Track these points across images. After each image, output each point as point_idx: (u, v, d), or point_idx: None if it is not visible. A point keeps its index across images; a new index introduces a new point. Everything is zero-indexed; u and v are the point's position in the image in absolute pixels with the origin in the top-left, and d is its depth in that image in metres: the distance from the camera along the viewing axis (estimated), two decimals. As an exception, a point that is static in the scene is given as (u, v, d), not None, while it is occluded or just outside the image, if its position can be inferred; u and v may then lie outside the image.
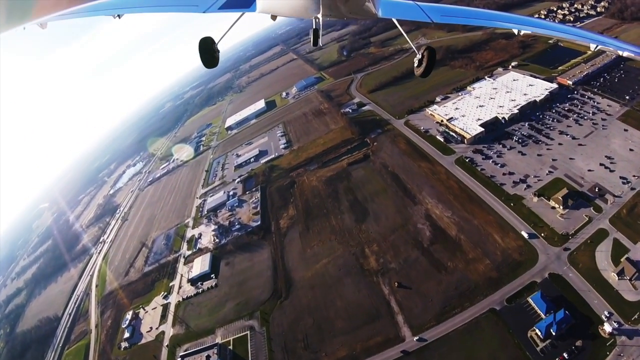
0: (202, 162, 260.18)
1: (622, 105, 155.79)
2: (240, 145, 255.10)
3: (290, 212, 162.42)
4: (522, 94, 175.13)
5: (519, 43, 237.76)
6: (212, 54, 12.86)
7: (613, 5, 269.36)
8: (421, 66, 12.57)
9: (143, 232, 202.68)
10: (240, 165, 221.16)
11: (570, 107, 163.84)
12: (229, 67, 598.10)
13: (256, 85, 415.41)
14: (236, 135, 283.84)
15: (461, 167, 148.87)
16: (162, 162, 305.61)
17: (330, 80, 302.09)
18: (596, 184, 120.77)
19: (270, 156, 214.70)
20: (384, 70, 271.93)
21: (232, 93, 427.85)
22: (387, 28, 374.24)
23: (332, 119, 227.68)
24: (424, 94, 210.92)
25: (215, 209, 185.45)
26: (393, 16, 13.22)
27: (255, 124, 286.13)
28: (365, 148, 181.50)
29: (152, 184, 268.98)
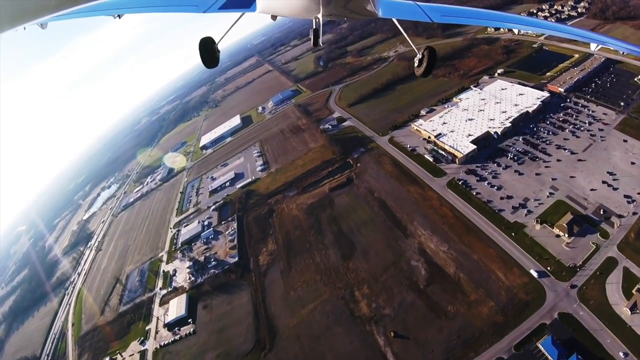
0: (177, 186, 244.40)
1: (618, 112, 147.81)
2: (215, 167, 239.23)
3: (269, 247, 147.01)
4: (513, 105, 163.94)
5: (503, 48, 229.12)
6: (212, 54, 12.97)
7: (593, 5, 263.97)
8: (422, 66, 12.55)
9: (117, 266, 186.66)
10: (215, 190, 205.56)
11: (564, 118, 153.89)
12: (204, 80, 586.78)
13: (232, 99, 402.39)
14: (211, 155, 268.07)
15: (454, 191, 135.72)
16: (136, 184, 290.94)
17: (308, 94, 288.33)
18: (600, 205, 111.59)
19: (247, 180, 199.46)
20: (363, 82, 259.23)
21: (208, 108, 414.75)
22: (363, 36, 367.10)
23: (311, 137, 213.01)
24: (408, 107, 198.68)
25: (190, 242, 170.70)
26: (393, 16, 12.91)
27: (231, 143, 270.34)
28: (348, 170, 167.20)
29: (126, 209, 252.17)
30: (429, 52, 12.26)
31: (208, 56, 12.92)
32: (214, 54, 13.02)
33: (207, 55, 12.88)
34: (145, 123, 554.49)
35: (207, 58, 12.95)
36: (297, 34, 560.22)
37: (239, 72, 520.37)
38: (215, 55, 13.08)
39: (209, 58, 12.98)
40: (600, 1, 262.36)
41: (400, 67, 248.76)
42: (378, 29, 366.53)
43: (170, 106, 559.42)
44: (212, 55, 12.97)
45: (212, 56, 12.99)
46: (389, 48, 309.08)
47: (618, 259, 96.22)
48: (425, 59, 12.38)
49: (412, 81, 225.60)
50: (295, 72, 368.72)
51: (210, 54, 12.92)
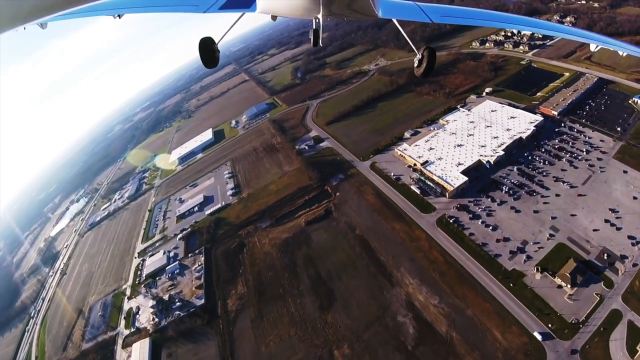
0: (144, 206, 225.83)
1: (616, 139, 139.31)
2: (184, 187, 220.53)
3: (239, 289, 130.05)
4: (505, 129, 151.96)
5: (489, 65, 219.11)
6: (212, 54, 13.28)
7: (580, 20, 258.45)
8: (421, 66, 12.67)
9: (80, 295, 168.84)
10: (183, 216, 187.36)
11: (560, 145, 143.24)
12: (180, 87, 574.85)
13: (205, 110, 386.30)
14: (181, 172, 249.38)
15: (445, 230, 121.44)
16: (104, 201, 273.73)
17: (284, 108, 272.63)
18: (604, 249, 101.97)
19: (217, 205, 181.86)
20: (343, 97, 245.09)
21: (180, 118, 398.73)
22: (343, 47, 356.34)
23: (286, 158, 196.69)
24: (390, 127, 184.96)
25: (155, 275, 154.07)
26: (393, 16, 13.14)
27: (202, 160, 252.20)
28: (326, 200, 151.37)
29: (92, 228, 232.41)
30: (429, 52, 12.35)
31: (208, 56, 13.17)
32: (214, 54, 13.32)
33: (206, 55, 13.12)
34: (118, 131, 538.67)
35: (207, 58, 13.19)
36: (276, 42, 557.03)
37: (214, 80, 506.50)
38: (215, 55, 13.38)
39: (209, 58, 13.23)
40: (587, 17, 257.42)
41: (382, 83, 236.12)
42: (358, 40, 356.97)
43: (144, 114, 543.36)
44: (211, 55, 13.24)
45: (211, 56, 13.26)
46: (369, 61, 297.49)
47: (622, 311, 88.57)
48: (425, 59, 12.45)
49: (394, 98, 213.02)
50: (272, 83, 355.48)
51: (210, 54, 13.20)
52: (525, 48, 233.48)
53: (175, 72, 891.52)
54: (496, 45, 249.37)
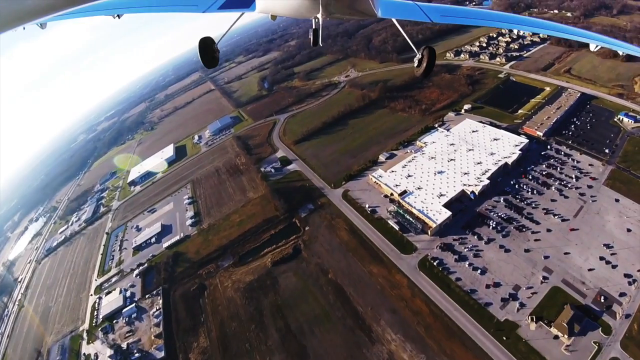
0: (101, 232, 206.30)
1: (605, 163, 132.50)
2: (141, 213, 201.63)
3: (201, 341, 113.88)
4: (488, 153, 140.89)
5: (466, 78, 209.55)
6: (212, 54, 13.21)
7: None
8: (421, 66, 12.46)
9: (38, 333, 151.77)
10: (139, 247, 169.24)
11: (548, 171, 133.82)
12: (145, 95, 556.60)
13: (168, 122, 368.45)
14: (139, 194, 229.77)
15: (428, 275, 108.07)
16: (61, 222, 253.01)
17: (249, 122, 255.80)
18: (600, 291, 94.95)
19: (175, 237, 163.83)
20: (311, 112, 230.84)
21: (143, 130, 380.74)
22: (312, 57, 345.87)
23: (251, 182, 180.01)
24: (363, 148, 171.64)
25: (111, 317, 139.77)
26: (393, 16, 13.13)
27: (162, 181, 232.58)
28: (294, 236, 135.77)
29: (50, 255, 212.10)
30: (429, 52, 12.25)
31: (207, 56, 13.09)
32: (214, 54, 13.24)
33: (206, 55, 13.04)
34: (81, 141, 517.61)
35: (207, 58, 13.11)
36: (244, 50, 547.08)
37: (180, 89, 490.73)
38: (215, 55, 13.32)
39: (209, 58, 13.14)
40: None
41: (353, 97, 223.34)
42: (328, 49, 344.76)
43: (107, 123, 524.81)
44: (211, 55, 13.17)
45: (211, 56, 13.18)
46: (339, 72, 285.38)
47: (622, 359, 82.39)
48: (425, 58, 12.31)
49: (366, 115, 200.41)
50: (238, 94, 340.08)
51: (210, 54, 13.13)
52: (502, 60, 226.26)
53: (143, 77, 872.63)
54: (472, 57, 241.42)
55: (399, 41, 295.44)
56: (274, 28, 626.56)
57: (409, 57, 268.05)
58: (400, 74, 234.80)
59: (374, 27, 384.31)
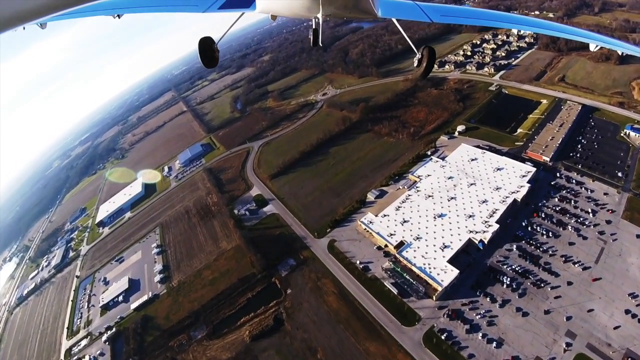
0: (70, 280, 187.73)
1: (620, 190, 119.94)
2: (109, 262, 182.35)
3: None
4: (493, 188, 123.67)
5: (454, 93, 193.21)
6: (211, 54, 13.34)
7: (542, 35, 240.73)
8: (421, 66, 12.65)
9: None
10: (107, 306, 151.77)
11: (562, 206, 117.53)
12: (118, 117, 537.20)
13: (139, 148, 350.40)
14: (108, 237, 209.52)
15: (436, 352, 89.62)
16: (32, 266, 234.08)
17: (221, 151, 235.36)
18: (627, 352, 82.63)
19: (143, 296, 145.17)
20: (287, 138, 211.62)
21: (114, 159, 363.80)
22: (286, 72, 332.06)
23: (223, 228, 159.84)
24: (348, 184, 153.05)
25: None
26: (393, 16, 13.18)
27: (130, 222, 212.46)
28: (274, 301, 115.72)
29: (21, 304, 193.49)
30: (429, 52, 12.43)
31: (207, 56, 13.21)
32: (214, 54, 13.36)
33: (206, 55, 13.16)
34: (55, 168, 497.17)
35: (207, 58, 13.23)
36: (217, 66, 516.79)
37: (153, 110, 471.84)
38: (215, 55, 13.44)
39: (209, 58, 13.26)
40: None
41: (332, 119, 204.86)
42: (303, 64, 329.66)
43: (81, 148, 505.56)
44: (211, 55, 13.29)
45: (211, 56, 13.30)
46: (315, 89, 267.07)
47: None
48: (424, 58, 12.46)
49: (348, 140, 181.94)
50: (210, 117, 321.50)
51: (210, 53, 13.23)
52: (490, 70, 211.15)
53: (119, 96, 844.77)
54: (457, 68, 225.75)
55: (377, 53, 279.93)
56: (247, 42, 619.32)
57: (389, 71, 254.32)
58: (382, 90, 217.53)
59: (350, 38, 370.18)
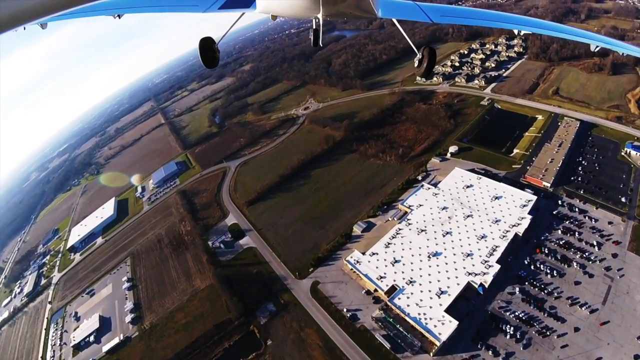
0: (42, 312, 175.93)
1: (624, 218, 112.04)
2: (80, 295, 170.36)
3: None
4: (492, 221, 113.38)
5: (444, 108, 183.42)
6: (212, 54, 13.37)
7: (531, 45, 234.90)
8: (422, 66, 12.55)
9: None
10: (79, 346, 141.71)
11: (566, 239, 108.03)
12: (97, 128, 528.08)
13: (115, 164, 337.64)
14: (80, 264, 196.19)
15: None
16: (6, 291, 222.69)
17: (197, 170, 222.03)
18: None
19: (115, 338, 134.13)
20: (267, 157, 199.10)
21: (89, 175, 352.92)
22: (267, 84, 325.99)
23: (197, 263, 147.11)
24: (331, 213, 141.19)
25: None
26: (393, 16, 13.18)
27: (101, 249, 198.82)
28: (253, 354, 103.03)
29: None
30: (429, 52, 12.30)
31: (208, 56, 13.20)
32: (214, 54, 13.38)
33: (207, 56, 13.16)
34: (33, 181, 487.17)
35: (207, 58, 13.21)
36: (197, 75, 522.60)
37: (131, 121, 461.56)
38: (215, 55, 13.45)
39: (209, 58, 13.25)
40: (540, 41, 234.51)
41: (314, 137, 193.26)
42: (284, 74, 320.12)
43: (59, 160, 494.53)
44: (212, 55, 13.29)
45: (212, 56, 13.30)
46: (297, 102, 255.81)
47: None
48: (425, 58, 12.37)
49: (331, 162, 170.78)
50: (187, 131, 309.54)
51: (210, 54, 13.23)
52: (481, 82, 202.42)
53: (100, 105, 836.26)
54: (446, 80, 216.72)
55: (361, 64, 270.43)
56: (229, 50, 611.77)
57: (374, 83, 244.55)
58: (367, 105, 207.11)
59: (333, 47, 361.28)
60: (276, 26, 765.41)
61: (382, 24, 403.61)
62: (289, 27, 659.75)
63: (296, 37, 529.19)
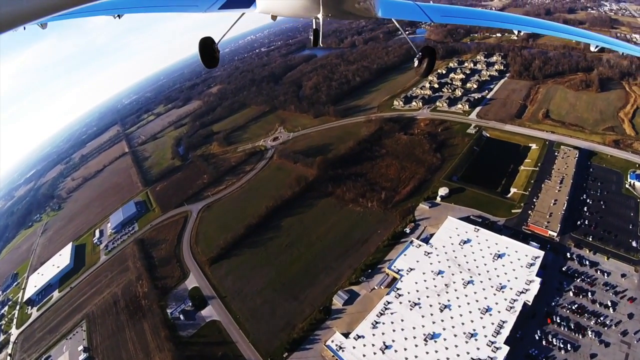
0: None
1: (637, 267, 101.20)
2: None
3: None
4: (497, 288, 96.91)
5: (428, 138, 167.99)
6: (212, 54, 13.26)
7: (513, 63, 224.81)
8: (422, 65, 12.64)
9: None
10: None
11: (578, 302, 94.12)
12: (64, 153, 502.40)
13: (75, 199, 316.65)
14: (37, 322, 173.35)
15: None
16: None
17: (157, 214, 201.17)
18: None
19: None
20: (232, 201, 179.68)
21: (50, 210, 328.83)
22: (234, 109, 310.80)
23: (155, 337, 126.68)
24: (307, 278, 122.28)
25: None
26: (393, 16, 13.23)
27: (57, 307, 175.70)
28: None
29: None
30: (429, 52, 12.45)
31: (208, 56, 13.13)
32: (214, 54, 13.32)
33: (207, 55, 13.09)
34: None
35: (207, 58, 13.16)
36: (164, 98, 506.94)
37: (97, 147, 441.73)
38: (215, 55, 13.40)
39: (209, 58, 13.19)
40: (521, 58, 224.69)
41: (285, 175, 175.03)
42: (252, 98, 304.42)
43: (25, 188, 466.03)
44: (211, 55, 13.21)
45: (211, 56, 13.22)
46: (265, 131, 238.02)
47: None
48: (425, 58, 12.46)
49: (304, 209, 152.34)
50: (149, 163, 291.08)
51: (210, 54, 13.16)
52: (465, 106, 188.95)
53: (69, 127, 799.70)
54: (426, 104, 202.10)
55: (333, 87, 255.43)
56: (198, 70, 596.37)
57: (348, 109, 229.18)
58: (341, 136, 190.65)
59: (303, 68, 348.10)
60: (247, 44, 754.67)
61: (353, 43, 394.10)
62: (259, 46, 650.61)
63: (266, 56, 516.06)
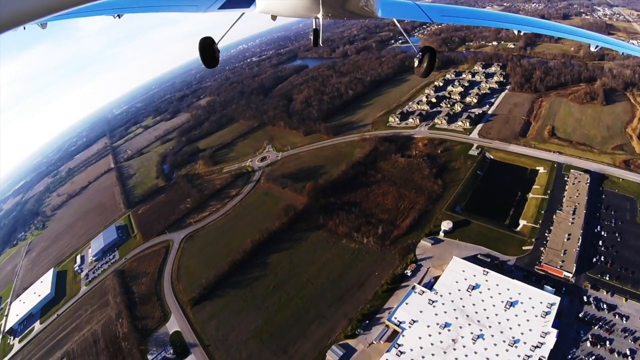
0: None
1: None
2: None
3: None
4: (509, 342, 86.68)
5: (427, 161, 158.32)
6: (212, 53, 13.33)
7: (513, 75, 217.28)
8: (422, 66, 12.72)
9: None
10: None
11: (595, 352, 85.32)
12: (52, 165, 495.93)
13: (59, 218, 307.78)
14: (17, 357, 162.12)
15: None
16: None
17: (138, 241, 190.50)
18: None
19: None
20: (216, 230, 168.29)
21: (34, 228, 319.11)
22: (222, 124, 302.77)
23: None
24: (296, 328, 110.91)
25: None
26: (393, 16, 13.31)
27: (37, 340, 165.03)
28: None
29: None
30: (429, 52, 12.55)
31: (208, 56, 13.18)
32: (214, 54, 13.37)
33: (206, 55, 13.14)
34: None
35: (207, 58, 13.21)
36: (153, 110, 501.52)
37: (83, 160, 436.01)
38: (215, 55, 13.46)
39: (209, 58, 13.25)
40: (521, 68, 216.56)
41: (272, 204, 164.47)
42: (240, 112, 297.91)
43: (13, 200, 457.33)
44: (211, 55, 13.26)
45: (211, 56, 13.28)
46: (253, 149, 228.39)
47: None
48: (425, 59, 12.55)
49: (293, 243, 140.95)
50: (133, 182, 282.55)
51: (210, 53, 13.20)
52: (465, 124, 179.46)
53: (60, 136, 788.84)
54: (424, 121, 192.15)
55: (324, 101, 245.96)
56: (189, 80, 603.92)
57: (340, 125, 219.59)
58: (333, 157, 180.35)
59: (294, 80, 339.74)
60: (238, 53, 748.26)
61: (345, 52, 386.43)
62: (250, 55, 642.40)
63: (257, 66, 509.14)
